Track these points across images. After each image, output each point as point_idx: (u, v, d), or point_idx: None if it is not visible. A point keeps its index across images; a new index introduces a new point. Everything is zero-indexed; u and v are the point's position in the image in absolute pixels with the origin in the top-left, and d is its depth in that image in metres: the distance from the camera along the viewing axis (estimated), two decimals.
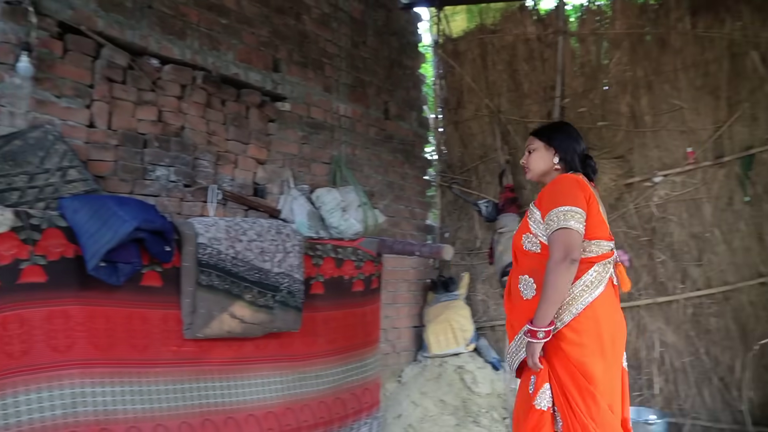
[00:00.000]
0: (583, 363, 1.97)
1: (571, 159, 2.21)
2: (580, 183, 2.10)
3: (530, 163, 2.28)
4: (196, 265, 2.58)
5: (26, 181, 2.36)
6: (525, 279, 2.11)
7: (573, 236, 1.96)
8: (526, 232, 2.16)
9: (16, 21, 2.40)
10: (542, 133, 2.28)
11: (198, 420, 2.58)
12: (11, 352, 2.10)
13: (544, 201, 2.09)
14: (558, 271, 1.94)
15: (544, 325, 1.95)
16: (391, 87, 4.51)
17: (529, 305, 2.06)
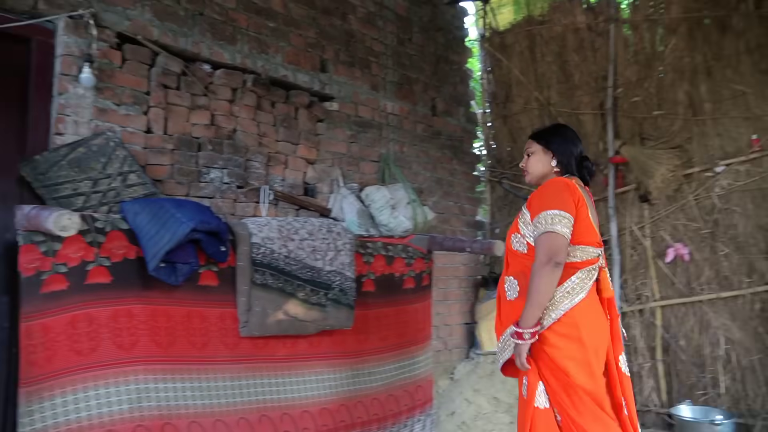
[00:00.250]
0: (566, 366, 2.02)
1: (568, 162, 2.23)
2: (569, 187, 2.12)
3: (529, 166, 2.31)
4: (251, 264, 2.64)
5: (90, 186, 2.47)
6: (510, 280, 2.19)
7: (558, 240, 2.00)
8: (515, 232, 2.21)
9: (78, 34, 2.52)
10: (540, 137, 2.30)
11: (255, 416, 2.64)
12: (80, 349, 2.21)
13: (534, 203, 2.12)
14: (542, 274, 1.98)
15: (529, 327, 2.01)
16: (438, 83, 4.49)
17: (512, 306, 2.13)
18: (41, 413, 2.09)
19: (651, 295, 4.32)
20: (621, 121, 4.52)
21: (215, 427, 2.50)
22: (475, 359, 4.47)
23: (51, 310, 2.15)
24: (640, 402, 4.26)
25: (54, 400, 2.12)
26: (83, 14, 2.49)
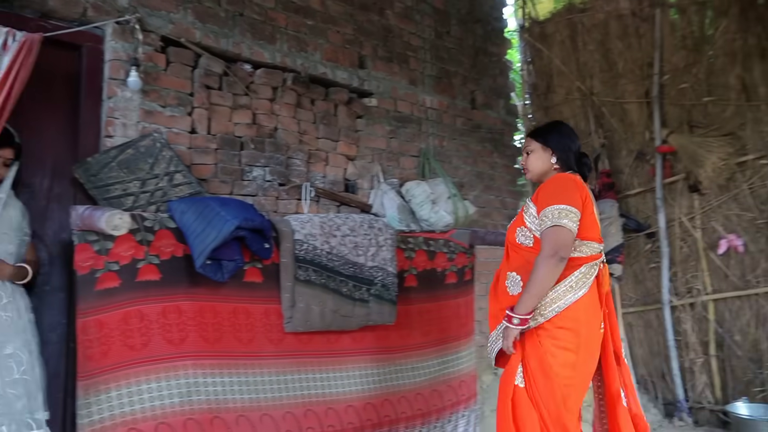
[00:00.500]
0: (554, 354, 2.05)
1: (567, 158, 2.24)
2: (577, 183, 2.16)
3: (529, 164, 2.32)
4: (294, 260, 2.67)
5: (139, 187, 2.54)
6: (513, 276, 2.19)
7: (565, 234, 2.03)
8: (520, 226, 2.21)
9: (125, 39, 2.59)
10: (538, 135, 2.31)
11: (300, 410, 2.68)
12: (133, 344, 2.28)
13: (541, 197, 2.13)
14: (546, 266, 2.01)
15: (521, 314, 2.04)
16: (477, 76, 4.44)
17: (514, 300, 2.12)
18: (98, 405, 2.17)
19: (702, 288, 4.17)
20: (668, 109, 4.37)
21: (262, 421, 2.55)
22: None
23: (105, 307, 2.22)
24: (692, 399, 4.14)
25: (110, 393, 2.19)
26: (129, 19, 2.57)
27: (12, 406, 2.02)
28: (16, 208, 2.26)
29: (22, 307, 2.19)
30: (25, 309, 2.21)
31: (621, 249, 3.86)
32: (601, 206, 4.05)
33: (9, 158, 2.17)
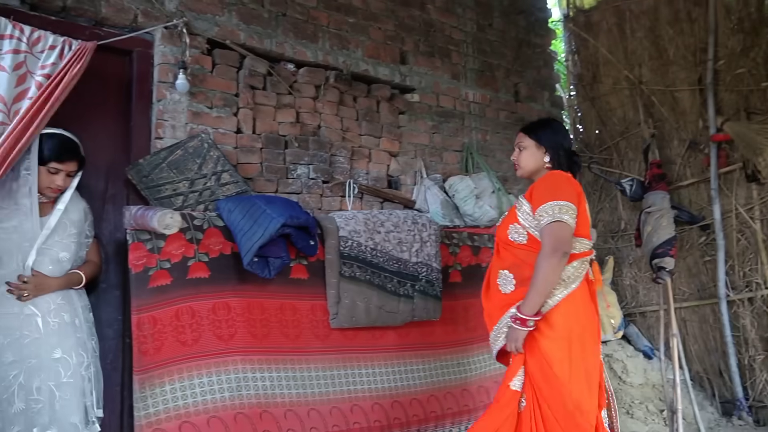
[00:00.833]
0: (550, 354, 2.04)
1: (559, 157, 2.26)
2: (572, 181, 2.19)
3: (521, 161, 2.33)
4: (339, 257, 2.70)
5: (188, 186, 2.61)
6: (504, 274, 2.19)
7: (566, 230, 2.05)
8: (513, 223, 2.21)
9: (173, 43, 2.66)
10: (532, 132, 2.31)
11: (347, 405, 2.70)
12: (185, 340, 2.35)
13: (536, 194, 2.14)
14: (550, 262, 2.01)
15: (532, 314, 2.03)
16: (521, 68, 4.36)
17: (507, 299, 2.15)
18: (153, 399, 2.24)
19: (762, 282, 3.99)
20: (723, 95, 4.19)
21: (309, 416, 2.58)
22: None
23: (158, 304, 2.30)
24: (752, 397, 3.98)
25: (164, 387, 2.27)
26: (177, 24, 2.63)
27: (59, 410, 2.07)
28: (77, 210, 2.28)
29: (78, 309, 2.23)
30: (82, 310, 2.25)
31: (673, 242, 3.73)
32: (651, 198, 3.93)
33: (73, 170, 2.20)
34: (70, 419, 2.08)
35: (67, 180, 2.19)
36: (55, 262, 2.17)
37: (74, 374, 2.12)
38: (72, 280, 2.22)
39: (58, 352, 2.09)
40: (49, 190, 2.16)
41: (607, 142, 4.77)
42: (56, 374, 2.08)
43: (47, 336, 2.09)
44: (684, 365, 3.59)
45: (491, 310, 2.26)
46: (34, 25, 2.32)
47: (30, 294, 2.07)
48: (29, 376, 2.04)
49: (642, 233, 3.90)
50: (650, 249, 3.74)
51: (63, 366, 2.10)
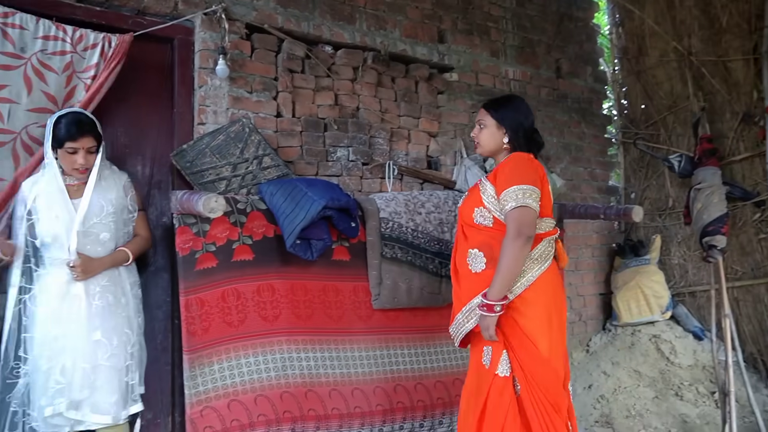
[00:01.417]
0: (533, 333, 2.07)
1: (519, 138, 2.25)
2: (534, 163, 2.20)
3: (481, 139, 2.31)
4: (380, 238, 2.71)
5: (230, 171, 2.66)
6: (474, 253, 2.17)
7: (530, 215, 2.06)
8: (478, 206, 2.19)
9: (213, 29, 2.69)
10: (494, 110, 2.29)
11: (390, 385, 2.73)
12: (231, 321, 2.41)
13: (501, 178, 2.14)
14: (514, 247, 2.02)
15: (499, 299, 2.03)
16: (562, 43, 4.24)
17: (478, 278, 2.14)
18: (203, 378, 2.32)
19: None
20: None
21: (354, 395, 2.62)
22: (612, 331, 4.26)
23: (205, 286, 2.36)
24: None
25: (212, 366, 2.34)
26: (216, 9, 2.66)
27: (96, 391, 2.12)
28: (115, 188, 2.25)
29: (126, 286, 2.25)
30: (130, 286, 2.27)
31: (725, 219, 3.59)
32: (701, 174, 3.79)
33: (92, 146, 2.13)
34: (107, 400, 2.13)
35: (89, 158, 2.14)
36: (100, 244, 2.18)
37: (112, 356, 2.15)
38: (118, 259, 2.22)
39: (98, 334, 2.12)
40: (76, 172, 2.14)
41: (653, 117, 4.61)
42: (92, 356, 2.11)
43: (90, 318, 2.12)
44: (737, 346, 3.47)
45: (460, 293, 2.22)
46: (80, 16, 2.40)
47: (79, 277, 2.10)
48: (65, 354, 2.08)
49: (691, 211, 3.77)
50: (700, 227, 3.62)
51: (101, 349, 2.13)
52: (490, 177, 2.21)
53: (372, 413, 2.66)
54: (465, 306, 2.17)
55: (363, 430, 2.63)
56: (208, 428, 2.30)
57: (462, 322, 2.19)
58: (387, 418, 2.70)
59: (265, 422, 2.42)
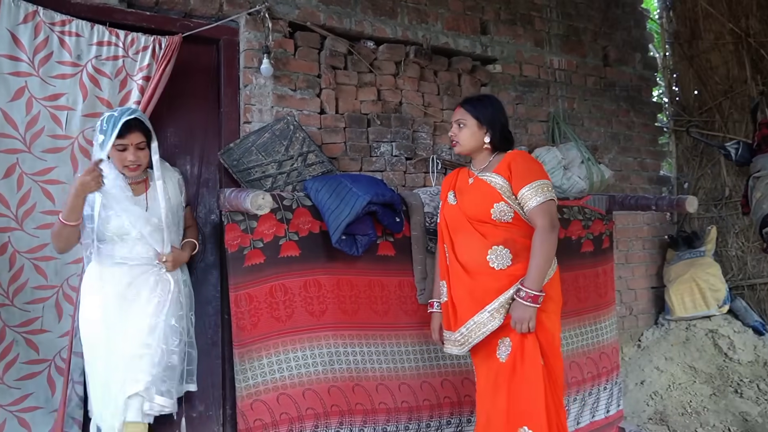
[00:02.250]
0: (552, 326, 2.18)
1: (498, 137, 2.29)
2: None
3: (461, 138, 2.31)
4: (425, 233, 2.70)
5: (276, 168, 2.69)
6: (499, 250, 2.18)
7: (555, 207, 2.18)
8: (497, 202, 2.19)
9: (257, 28, 2.73)
10: (474, 109, 2.29)
11: (437, 380, 2.73)
12: (279, 316, 2.45)
13: (518, 173, 2.18)
14: (551, 239, 2.12)
15: (537, 290, 2.08)
16: (609, 30, 4.12)
17: (503, 275, 2.16)
18: (252, 372, 2.37)
19: None
20: None
21: (401, 389, 2.63)
22: (665, 325, 4.14)
23: (253, 282, 2.40)
24: None
25: (261, 360, 2.39)
26: (260, 9, 2.70)
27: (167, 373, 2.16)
28: (172, 184, 2.28)
29: (180, 281, 2.25)
30: (183, 283, 2.29)
31: None
32: (761, 162, 3.64)
33: (140, 141, 2.11)
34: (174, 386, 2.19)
35: (138, 154, 2.11)
36: (175, 237, 2.24)
37: (180, 343, 2.21)
38: (192, 248, 2.33)
39: (173, 320, 2.18)
40: (127, 169, 2.13)
41: (707, 104, 4.44)
42: (168, 340, 2.16)
43: (172, 303, 2.18)
44: None
45: (477, 292, 2.18)
46: (131, 21, 2.47)
47: (170, 268, 2.18)
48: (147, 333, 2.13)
49: (750, 200, 3.62)
50: (760, 217, 3.47)
51: (173, 333, 2.18)
52: (499, 171, 2.22)
53: (419, 408, 2.66)
54: (489, 305, 2.17)
55: (410, 425, 2.64)
56: (258, 421, 2.35)
57: (485, 321, 2.17)
58: (434, 413, 2.70)
59: (313, 416, 2.45)
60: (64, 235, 2.08)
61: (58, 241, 2.10)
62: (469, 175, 2.37)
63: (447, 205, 2.38)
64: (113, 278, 2.13)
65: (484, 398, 2.25)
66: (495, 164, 2.28)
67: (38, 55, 2.22)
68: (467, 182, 2.35)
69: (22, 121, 2.20)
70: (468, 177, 2.36)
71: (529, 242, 2.16)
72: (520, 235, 2.19)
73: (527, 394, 2.11)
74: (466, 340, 2.23)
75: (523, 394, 2.11)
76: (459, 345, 2.25)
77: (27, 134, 2.21)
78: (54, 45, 2.25)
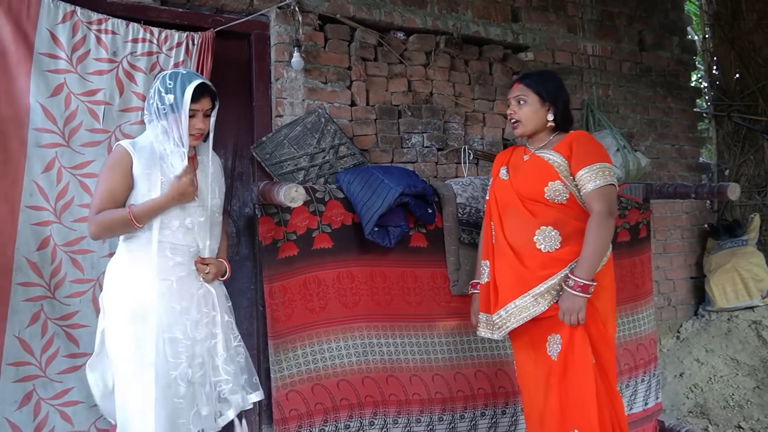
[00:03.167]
0: (605, 315, 2.08)
1: (561, 114, 2.15)
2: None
3: (523, 117, 2.15)
4: (457, 224, 2.68)
5: (308, 161, 2.71)
6: (547, 231, 2.06)
7: (615, 192, 2.05)
8: (553, 180, 2.06)
9: (287, 22, 2.75)
10: (535, 84, 2.14)
11: (471, 371, 2.71)
12: (313, 308, 2.47)
13: (579, 153, 2.05)
14: (607, 226, 1.99)
15: (589, 279, 1.97)
16: (645, 13, 4.01)
17: (550, 258, 2.04)
18: (287, 362, 2.39)
19: None
20: None
21: (434, 380, 2.63)
22: (705, 317, 4.03)
23: (287, 273, 2.43)
24: None
25: (296, 351, 2.41)
26: (290, 3, 2.71)
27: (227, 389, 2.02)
28: (217, 163, 2.10)
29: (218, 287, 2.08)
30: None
31: None
32: None
33: (209, 108, 1.92)
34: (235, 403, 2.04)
35: (206, 121, 1.93)
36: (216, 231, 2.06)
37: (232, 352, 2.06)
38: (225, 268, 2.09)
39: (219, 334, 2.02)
40: (192, 138, 1.90)
41: (750, 87, 4.30)
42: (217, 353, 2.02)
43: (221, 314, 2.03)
44: None
45: (522, 274, 2.07)
46: (164, 18, 2.51)
47: (210, 277, 1.98)
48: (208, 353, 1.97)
49: None
50: None
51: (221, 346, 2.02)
52: (559, 150, 2.09)
53: (453, 399, 2.66)
54: (533, 288, 2.06)
55: (444, 416, 2.64)
56: (294, 411, 2.38)
57: (527, 305, 2.07)
58: (468, 404, 2.69)
59: (347, 406, 2.47)
60: (120, 230, 1.87)
61: (106, 232, 1.88)
62: (525, 152, 2.23)
63: (498, 180, 2.25)
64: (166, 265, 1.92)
65: (533, 396, 2.17)
66: (555, 143, 2.14)
67: (76, 53, 2.28)
68: (522, 158, 2.21)
69: (61, 116, 2.26)
70: (524, 154, 2.22)
71: (581, 225, 2.04)
72: (573, 217, 2.06)
73: (578, 396, 2.02)
74: (504, 323, 2.12)
75: (575, 395, 2.03)
76: (496, 328, 2.14)
77: (66, 129, 2.27)
78: (91, 43, 2.30)
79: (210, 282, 1.99)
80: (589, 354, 2.02)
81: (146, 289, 1.87)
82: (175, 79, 1.85)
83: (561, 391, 2.05)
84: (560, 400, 2.05)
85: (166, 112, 1.86)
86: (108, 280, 1.95)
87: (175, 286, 1.90)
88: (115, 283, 1.92)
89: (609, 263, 2.11)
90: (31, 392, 2.18)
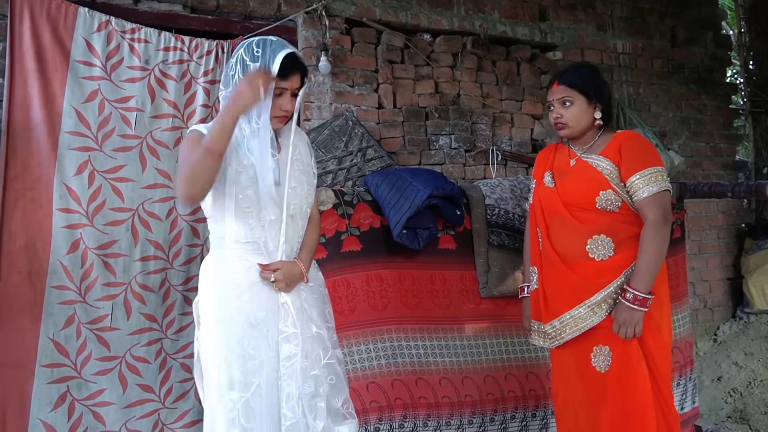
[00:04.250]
0: (660, 321, 2.00)
1: (608, 112, 2.01)
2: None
3: (570, 119, 1.99)
4: (486, 226, 2.66)
5: (336, 164, 2.73)
6: (600, 239, 1.96)
7: (669, 198, 1.94)
8: (605, 189, 1.95)
9: (314, 27, 2.77)
10: (582, 85, 1.98)
11: (501, 374, 2.69)
12: (342, 310, 2.47)
13: (629, 158, 1.93)
14: (663, 234, 1.89)
15: (647, 291, 1.87)
16: (677, 8, 3.93)
17: (604, 267, 1.96)
18: None
19: None
20: None
21: (464, 383, 2.61)
22: (744, 319, 3.93)
23: None
24: None
25: None
26: (317, 7, 2.73)
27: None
28: (304, 143, 1.80)
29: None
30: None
31: None
32: None
33: (297, 87, 1.65)
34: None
35: (293, 102, 1.65)
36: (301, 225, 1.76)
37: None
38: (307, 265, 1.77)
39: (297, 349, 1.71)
40: (275, 120, 1.63)
41: None
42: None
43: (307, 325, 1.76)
44: None
45: (575, 284, 1.98)
46: (194, 26, 2.57)
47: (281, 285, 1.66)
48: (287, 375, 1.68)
49: None
50: None
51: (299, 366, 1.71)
52: (606, 154, 1.98)
53: (483, 402, 2.63)
54: (589, 299, 1.98)
55: (474, 419, 2.62)
56: None
57: (583, 316, 2.00)
58: (498, 407, 2.66)
59: (377, 408, 2.47)
60: (207, 168, 1.46)
61: (191, 179, 1.48)
62: (570, 155, 2.08)
63: (543, 187, 2.12)
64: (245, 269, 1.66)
65: (570, 404, 2.10)
66: (602, 145, 2.01)
67: (110, 61, 2.34)
68: (568, 163, 2.07)
69: (95, 122, 2.32)
70: (569, 157, 2.08)
71: (634, 230, 1.95)
72: (625, 221, 1.96)
73: (634, 409, 1.95)
74: (558, 334, 2.06)
75: (630, 408, 1.96)
76: (549, 338, 2.09)
77: (99, 134, 2.33)
78: (125, 51, 2.36)
79: (285, 290, 1.67)
80: (643, 367, 1.95)
81: (227, 298, 1.63)
82: (263, 46, 1.56)
83: (614, 403, 1.97)
84: (613, 413, 1.97)
85: None
86: (199, 284, 1.71)
87: (248, 295, 1.63)
88: (202, 289, 1.69)
89: (663, 270, 2.01)
90: (66, 393, 2.24)
